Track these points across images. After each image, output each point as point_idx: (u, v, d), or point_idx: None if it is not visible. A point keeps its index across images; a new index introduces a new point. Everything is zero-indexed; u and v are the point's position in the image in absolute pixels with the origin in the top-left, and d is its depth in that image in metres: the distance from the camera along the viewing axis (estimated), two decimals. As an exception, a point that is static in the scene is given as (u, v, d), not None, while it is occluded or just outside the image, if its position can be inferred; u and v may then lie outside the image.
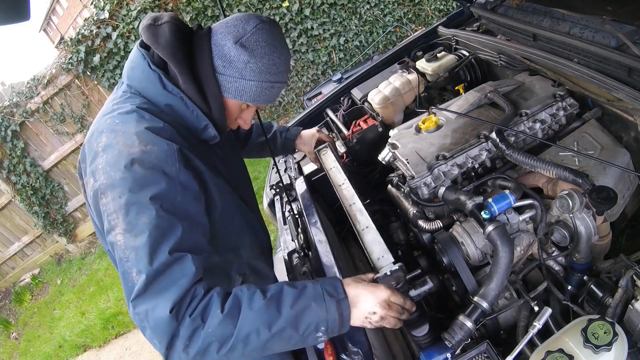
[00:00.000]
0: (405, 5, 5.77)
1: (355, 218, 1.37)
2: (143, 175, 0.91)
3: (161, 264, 0.87)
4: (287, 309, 0.93)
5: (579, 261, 1.23)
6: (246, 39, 1.03)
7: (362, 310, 0.99)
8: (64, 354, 4.17)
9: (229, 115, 1.15)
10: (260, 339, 0.91)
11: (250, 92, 1.08)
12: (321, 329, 0.94)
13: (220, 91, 1.08)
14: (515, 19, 1.90)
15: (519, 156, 1.33)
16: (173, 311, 0.86)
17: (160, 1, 4.79)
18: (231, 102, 1.11)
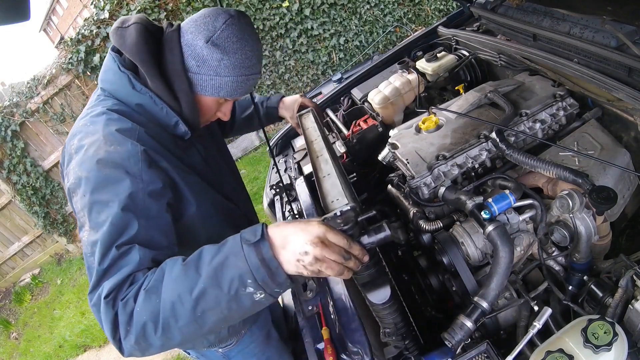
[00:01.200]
0: (405, 5, 5.77)
1: (319, 168, 1.20)
2: (106, 174, 0.95)
3: (111, 259, 0.89)
4: (206, 267, 0.83)
5: (579, 261, 1.23)
6: (217, 37, 1.04)
7: (292, 251, 0.81)
8: (64, 354, 4.17)
9: (208, 111, 1.17)
10: (186, 307, 0.82)
11: (227, 88, 1.10)
12: (248, 282, 0.81)
13: (192, 89, 1.10)
14: (515, 19, 1.90)
15: (519, 156, 1.33)
16: (109, 297, 0.85)
17: (160, 1, 4.79)
18: (209, 99, 1.14)
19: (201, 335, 0.91)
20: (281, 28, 5.27)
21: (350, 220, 0.87)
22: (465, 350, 1.09)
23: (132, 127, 1.04)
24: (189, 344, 0.90)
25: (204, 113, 1.17)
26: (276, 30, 5.28)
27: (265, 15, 5.15)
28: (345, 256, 0.83)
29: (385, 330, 1.12)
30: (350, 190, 1.04)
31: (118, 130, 1.01)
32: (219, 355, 1.54)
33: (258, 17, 5.12)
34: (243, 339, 1.55)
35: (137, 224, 0.92)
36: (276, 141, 2.40)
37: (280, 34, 5.31)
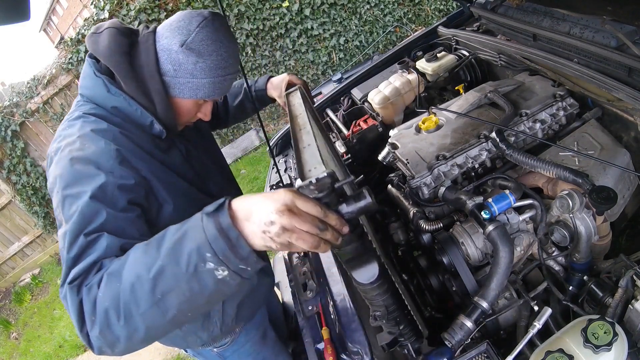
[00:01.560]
0: (405, 5, 5.77)
1: (300, 139, 1.09)
2: (78, 170, 0.97)
3: (79, 246, 0.88)
4: (166, 244, 0.77)
5: (579, 261, 1.23)
6: (191, 40, 1.05)
7: (256, 222, 0.72)
8: (64, 354, 4.17)
9: (187, 112, 1.19)
10: (144, 289, 0.76)
11: (205, 90, 1.12)
12: (207, 255, 0.73)
13: (169, 91, 1.11)
14: (515, 19, 1.90)
15: (519, 156, 1.33)
16: (74, 283, 0.83)
17: (160, 1, 4.79)
18: (187, 102, 1.15)
19: (168, 325, 0.81)
20: (281, 28, 5.27)
21: (326, 187, 0.75)
22: (466, 350, 1.09)
23: (107, 128, 1.07)
24: (158, 337, 0.85)
25: (184, 115, 1.19)
26: (276, 30, 5.28)
27: (265, 15, 5.15)
28: (320, 226, 0.72)
29: (375, 313, 1.02)
30: (336, 162, 0.99)
31: (93, 130, 1.04)
32: (214, 354, 1.55)
33: (258, 17, 5.12)
34: (238, 339, 1.55)
35: (106, 212, 0.92)
36: (276, 141, 2.40)
37: (280, 34, 5.31)
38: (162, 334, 0.84)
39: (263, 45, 5.32)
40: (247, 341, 1.60)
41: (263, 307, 1.68)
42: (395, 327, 1.06)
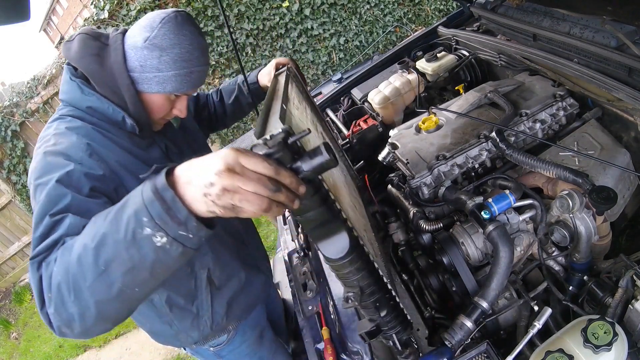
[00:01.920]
0: (405, 5, 5.77)
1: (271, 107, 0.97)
2: (49, 161, 1.02)
3: (44, 226, 0.90)
4: (111, 213, 0.74)
5: (579, 261, 1.23)
6: (154, 36, 1.09)
7: (197, 184, 0.65)
8: (64, 354, 4.17)
9: (160, 108, 1.21)
10: (88, 259, 0.73)
11: (171, 83, 1.14)
12: (144, 220, 0.68)
13: (138, 87, 1.15)
14: (515, 19, 1.90)
15: (519, 156, 1.33)
16: (35, 259, 0.84)
17: (160, 1, 4.79)
18: (158, 97, 1.18)
19: (118, 302, 0.77)
20: (281, 28, 5.27)
21: (277, 145, 0.65)
22: (465, 350, 1.09)
23: (81, 125, 1.12)
24: (112, 317, 0.81)
25: (157, 111, 1.21)
26: (276, 30, 5.28)
27: (265, 15, 5.14)
28: (270, 186, 0.64)
29: (348, 294, 0.88)
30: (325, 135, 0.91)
31: (67, 128, 1.10)
32: (211, 353, 1.56)
33: (258, 17, 5.12)
34: (235, 338, 1.56)
35: (71, 195, 0.95)
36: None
37: (280, 34, 5.31)
38: (115, 314, 0.81)
39: (263, 45, 5.32)
40: (244, 341, 1.60)
41: (260, 306, 1.67)
42: (375, 313, 0.93)
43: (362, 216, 1.29)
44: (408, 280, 1.63)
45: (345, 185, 1.29)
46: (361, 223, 1.19)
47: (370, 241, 1.16)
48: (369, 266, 0.86)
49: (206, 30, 4.95)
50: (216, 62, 5.17)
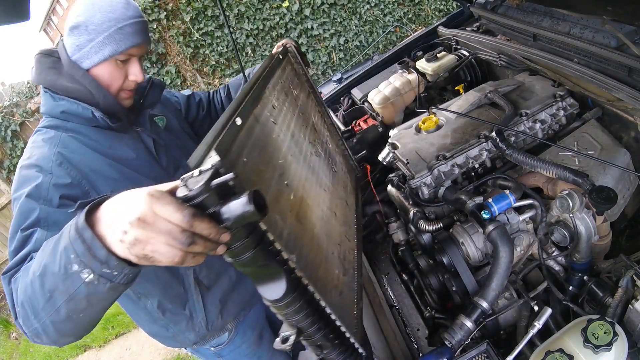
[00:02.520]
0: (405, 5, 5.77)
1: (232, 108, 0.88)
2: (24, 175, 1.08)
3: (16, 241, 0.97)
4: (52, 242, 0.75)
5: (579, 261, 1.23)
6: (76, 16, 1.14)
7: (114, 229, 0.64)
8: (64, 354, 4.17)
9: (113, 78, 1.20)
10: (36, 285, 0.76)
11: (106, 46, 1.14)
12: (71, 257, 0.68)
13: (85, 67, 1.17)
14: (515, 19, 1.90)
15: (519, 156, 1.33)
16: (7, 273, 0.89)
17: (160, 1, 4.79)
18: (104, 66, 1.18)
19: (71, 323, 0.79)
20: (281, 28, 5.27)
21: (200, 185, 0.59)
22: (465, 350, 1.09)
23: (54, 135, 1.16)
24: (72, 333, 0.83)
25: (112, 82, 1.20)
26: (276, 30, 5.28)
27: (265, 15, 5.15)
28: (181, 238, 0.60)
29: (284, 334, 0.80)
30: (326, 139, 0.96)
31: (42, 139, 1.15)
32: (212, 353, 1.56)
33: (258, 17, 5.12)
34: (235, 339, 1.56)
35: (39, 209, 1.00)
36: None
37: (281, 34, 5.31)
38: (73, 331, 0.83)
39: (263, 45, 5.32)
40: (244, 342, 1.60)
41: (259, 305, 1.66)
42: (317, 350, 0.86)
43: (342, 223, 1.22)
44: (408, 280, 1.63)
45: (327, 186, 1.23)
46: (337, 233, 1.13)
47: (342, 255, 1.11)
48: (312, 305, 0.80)
49: (206, 30, 4.95)
50: (216, 62, 5.17)
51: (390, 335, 1.48)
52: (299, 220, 0.91)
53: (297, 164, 1.06)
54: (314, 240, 0.95)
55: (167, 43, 4.96)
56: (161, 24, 4.84)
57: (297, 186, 0.99)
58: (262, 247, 0.68)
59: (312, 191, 1.08)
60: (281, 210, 0.84)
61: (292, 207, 0.90)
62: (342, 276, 1.03)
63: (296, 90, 1.36)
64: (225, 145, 0.69)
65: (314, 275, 0.84)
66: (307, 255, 0.86)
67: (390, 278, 1.80)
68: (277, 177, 0.90)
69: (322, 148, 1.37)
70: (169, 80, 5.05)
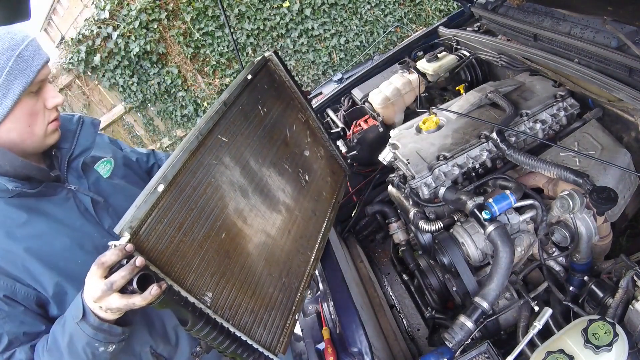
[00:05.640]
0: (406, 5, 5.77)
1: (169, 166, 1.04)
2: None
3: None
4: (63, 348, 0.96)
5: (580, 261, 1.23)
6: None
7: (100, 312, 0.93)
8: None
9: (34, 113, 1.00)
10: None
11: (14, 81, 0.93)
12: (96, 345, 0.96)
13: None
14: (516, 19, 1.90)
15: (520, 156, 1.33)
16: None
17: (160, 1, 4.79)
18: (20, 108, 0.97)
19: None
20: (282, 28, 5.27)
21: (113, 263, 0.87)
22: (466, 350, 1.09)
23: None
24: None
25: (35, 120, 1.01)
26: (277, 31, 5.28)
27: (265, 16, 5.14)
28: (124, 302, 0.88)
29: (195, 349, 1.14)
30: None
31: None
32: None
33: (259, 17, 5.12)
34: None
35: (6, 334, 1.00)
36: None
37: (281, 34, 5.31)
38: None
39: (264, 45, 5.32)
40: None
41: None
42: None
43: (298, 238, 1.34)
44: (408, 281, 1.63)
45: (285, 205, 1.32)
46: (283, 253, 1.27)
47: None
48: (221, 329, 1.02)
49: (207, 30, 4.96)
50: (217, 62, 5.17)
51: (390, 335, 1.48)
52: (228, 256, 1.09)
53: (240, 196, 1.18)
54: (245, 270, 1.13)
55: (167, 43, 4.96)
56: (162, 24, 4.84)
57: (233, 222, 1.13)
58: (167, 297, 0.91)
59: (255, 220, 1.20)
60: (204, 253, 1.04)
61: (221, 246, 1.09)
62: (276, 293, 1.20)
63: (266, 108, 1.34)
64: (140, 221, 0.92)
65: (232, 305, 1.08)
66: (229, 288, 1.08)
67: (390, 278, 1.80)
68: (207, 223, 1.08)
69: (292, 162, 1.39)
70: (170, 80, 5.06)
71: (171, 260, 0.97)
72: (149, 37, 4.79)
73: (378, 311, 1.57)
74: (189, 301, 0.96)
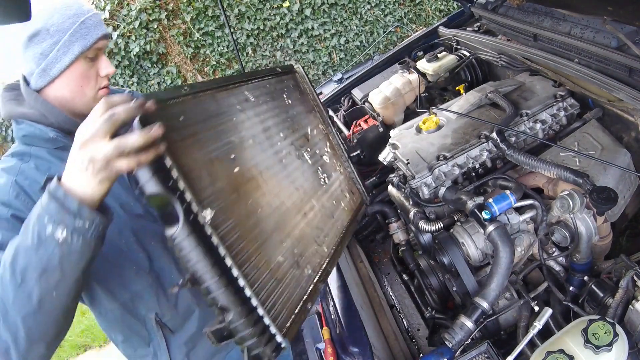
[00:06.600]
0: (406, 5, 5.77)
1: None
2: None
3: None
4: (21, 229, 0.81)
5: (580, 261, 1.23)
6: (30, 23, 1.05)
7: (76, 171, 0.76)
8: (64, 353, 4.17)
9: (86, 77, 1.12)
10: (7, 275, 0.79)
11: (75, 42, 1.07)
12: (44, 221, 0.76)
13: (50, 80, 1.09)
14: (516, 19, 1.90)
15: (520, 156, 1.33)
16: None
17: (160, 1, 4.79)
18: (74, 69, 1.10)
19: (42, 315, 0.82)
20: (282, 28, 5.27)
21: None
22: (466, 350, 1.09)
23: (14, 165, 1.10)
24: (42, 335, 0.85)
25: (86, 82, 1.13)
26: (277, 31, 5.28)
27: (265, 16, 5.15)
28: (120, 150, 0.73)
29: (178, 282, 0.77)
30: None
31: (2, 169, 1.10)
32: None
33: (259, 17, 5.12)
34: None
35: (1, 234, 0.95)
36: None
37: (281, 34, 5.31)
38: (44, 331, 0.84)
39: (264, 45, 5.32)
40: None
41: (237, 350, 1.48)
42: (220, 313, 0.77)
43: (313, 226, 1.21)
44: (408, 281, 1.63)
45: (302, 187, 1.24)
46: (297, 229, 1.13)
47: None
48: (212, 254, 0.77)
49: (207, 30, 4.96)
50: (217, 62, 5.17)
51: (390, 335, 1.48)
52: (237, 192, 0.96)
53: (258, 150, 1.12)
54: (253, 219, 0.98)
55: (167, 43, 4.96)
56: (162, 24, 4.84)
57: (247, 167, 1.04)
58: (160, 177, 0.74)
59: (270, 180, 1.12)
60: (213, 171, 0.91)
61: (231, 178, 0.97)
62: (286, 266, 1.02)
63: (290, 100, 1.36)
64: (161, 99, 0.82)
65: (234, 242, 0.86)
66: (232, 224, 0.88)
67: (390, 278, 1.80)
68: (222, 149, 0.98)
69: (311, 157, 1.36)
70: (170, 80, 5.06)
71: (178, 156, 0.81)
72: (149, 37, 4.79)
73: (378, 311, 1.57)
74: (185, 198, 0.76)
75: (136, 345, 1.30)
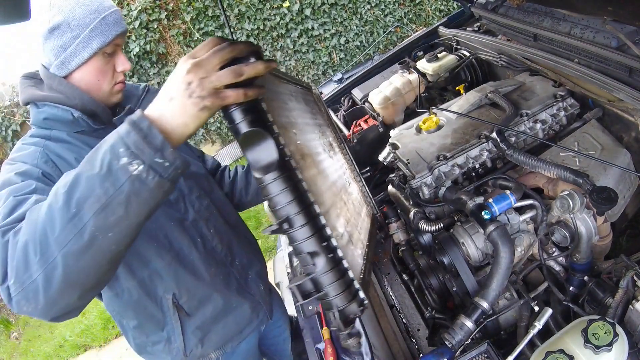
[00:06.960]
0: (406, 5, 5.77)
1: None
2: (8, 169, 1.05)
3: (9, 205, 0.88)
4: (84, 159, 0.73)
5: (580, 261, 1.23)
6: (51, 15, 1.07)
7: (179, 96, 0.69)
8: (65, 353, 4.17)
9: (103, 72, 1.16)
10: (59, 203, 0.71)
11: (95, 38, 1.10)
12: (119, 151, 0.68)
13: (70, 70, 1.12)
14: (516, 19, 1.90)
15: (520, 156, 1.33)
16: (2, 228, 0.80)
17: (160, 1, 4.79)
18: (93, 63, 1.13)
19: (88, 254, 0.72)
20: (282, 28, 5.27)
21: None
22: (466, 350, 1.09)
23: (38, 141, 1.13)
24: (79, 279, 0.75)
25: (102, 77, 1.16)
26: (277, 31, 5.28)
27: (265, 16, 5.15)
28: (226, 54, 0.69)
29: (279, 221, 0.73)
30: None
31: (23, 144, 1.14)
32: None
33: (259, 17, 5.12)
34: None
35: (35, 184, 0.97)
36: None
37: (281, 34, 5.31)
38: (83, 276, 0.75)
39: (264, 45, 5.32)
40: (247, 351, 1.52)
41: (251, 338, 1.53)
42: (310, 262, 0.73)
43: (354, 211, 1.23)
44: (408, 281, 1.63)
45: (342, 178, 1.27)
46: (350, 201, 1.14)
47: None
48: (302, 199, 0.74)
49: (207, 30, 4.95)
50: (217, 62, 5.18)
51: (390, 335, 1.48)
52: (304, 160, 0.91)
53: (311, 134, 1.13)
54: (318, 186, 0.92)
55: (167, 43, 4.96)
56: (162, 24, 4.84)
57: (303, 144, 1.00)
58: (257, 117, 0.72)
59: (321, 164, 1.09)
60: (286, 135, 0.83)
61: (297, 147, 0.91)
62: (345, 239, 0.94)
63: (314, 111, 1.40)
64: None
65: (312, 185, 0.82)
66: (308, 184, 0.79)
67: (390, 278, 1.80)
68: (287, 119, 0.96)
69: (337, 161, 1.39)
70: (170, 80, 5.06)
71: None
72: (149, 37, 4.79)
73: (378, 311, 1.57)
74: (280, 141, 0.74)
75: (149, 331, 1.31)
